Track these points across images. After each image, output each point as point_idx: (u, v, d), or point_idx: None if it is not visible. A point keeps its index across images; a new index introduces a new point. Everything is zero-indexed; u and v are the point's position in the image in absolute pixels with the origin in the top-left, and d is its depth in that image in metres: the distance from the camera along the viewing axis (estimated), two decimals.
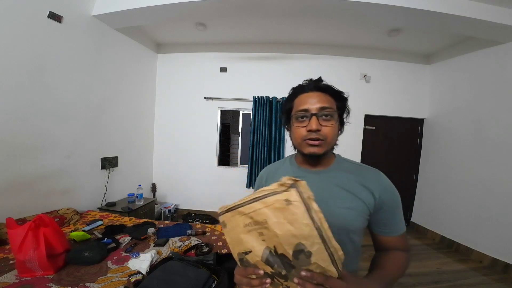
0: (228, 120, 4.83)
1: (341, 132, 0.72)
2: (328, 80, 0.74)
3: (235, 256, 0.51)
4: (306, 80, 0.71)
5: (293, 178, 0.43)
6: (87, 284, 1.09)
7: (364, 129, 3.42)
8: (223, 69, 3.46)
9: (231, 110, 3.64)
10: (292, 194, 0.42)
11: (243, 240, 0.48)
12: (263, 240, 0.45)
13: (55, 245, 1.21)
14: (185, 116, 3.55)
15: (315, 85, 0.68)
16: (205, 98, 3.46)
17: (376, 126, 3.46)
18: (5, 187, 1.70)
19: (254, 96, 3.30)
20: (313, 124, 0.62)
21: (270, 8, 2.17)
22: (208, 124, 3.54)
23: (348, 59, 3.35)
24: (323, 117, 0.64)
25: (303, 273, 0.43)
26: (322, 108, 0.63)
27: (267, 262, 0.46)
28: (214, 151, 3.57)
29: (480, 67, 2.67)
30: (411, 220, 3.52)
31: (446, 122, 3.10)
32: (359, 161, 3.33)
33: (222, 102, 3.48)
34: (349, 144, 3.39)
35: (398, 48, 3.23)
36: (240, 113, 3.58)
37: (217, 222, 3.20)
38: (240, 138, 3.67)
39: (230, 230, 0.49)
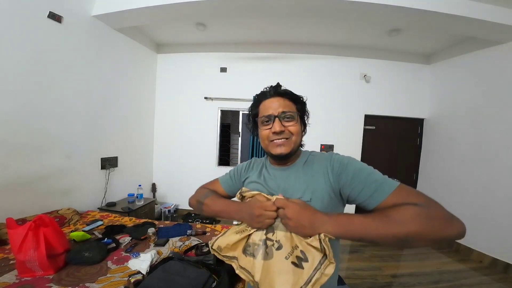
0: (228, 120, 4.82)
1: (305, 133, 0.79)
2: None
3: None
4: (267, 87, 0.78)
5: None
6: (87, 284, 1.09)
7: (364, 129, 3.42)
8: (223, 69, 3.46)
9: (231, 110, 3.64)
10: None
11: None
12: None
13: (55, 245, 1.21)
14: (185, 116, 3.55)
15: (275, 91, 0.74)
16: (205, 98, 3.46)
17: (376, 126, 3.46)
18: (5, 187, 1.70)
19: (254, 96, 3.28)
20: (276, 126, 0.69)
21: (270, 8, 2.17)
22: (208, 124, 3.54)
23: (348, 59, 3.35)
24: (285, 119, 0.71)
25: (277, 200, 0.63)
26: (283, 112, 0.70)
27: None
28: (214, 151, 3.57)
29: (480, 67, 2.67)
30: None
31: (446, 122, 3.10)
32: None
33: (222, 102, 3.48)
34: (349, 144, 3.40)
35: (398, 48, 3.23)
36: (240, 113, 3.58)
37: (217, 222, 3.20)
38: (240, 138, 3.67)
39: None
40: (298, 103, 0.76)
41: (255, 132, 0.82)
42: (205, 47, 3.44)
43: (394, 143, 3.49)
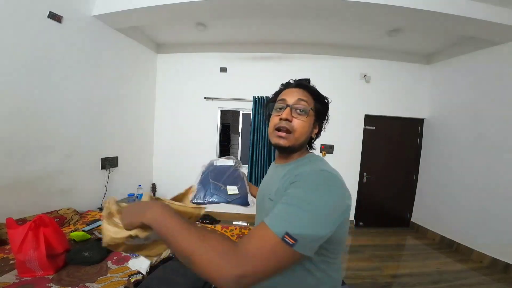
0: (228, 120, 4.83)
1: (318, 136, 0.75)
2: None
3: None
4: (295, 79, 0.75)
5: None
6: (87, 284, 1.09)
7: (364, 129, 3.42)
8: (223, 69, 3.46)
9: (231, 110, 3.64)
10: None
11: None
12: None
13: (55, 245, 1.21)
14: (185, 116, 3.55)
15: (299, 82, 0.72)
16: (205, 98, 3.46)
17: (376, 126, 3.46)
18: (5, 187, 1.70)
19: (254, 96, 3.30)
20: (285, 113, 0.66)
21: (270, 8, 2.17)
22: (208, 124, 3.54)
23: (348, 59, 3.35)
24: (298, 111, 0.66)
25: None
26: (298, 100, 0.67)
27: None
28: (214, 151, 3.57)
29: (480, 67, 2.67)
30: (411, 220, 3.52)
31: (446, 122, 3.10)
32: (359, 161, 3.36)
33: (222, 102, 3.48)
34: (349, 144, 3.40)
35: (398, 48, 3.23)
36: (240, 113, 3.58)
37: (217, 222, 3.20)
38: (240, 138, 3.67)
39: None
40: (319, 102, 0.71)
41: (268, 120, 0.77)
42: (205, 47, 3.44)
43: (394, 143, 3.49)
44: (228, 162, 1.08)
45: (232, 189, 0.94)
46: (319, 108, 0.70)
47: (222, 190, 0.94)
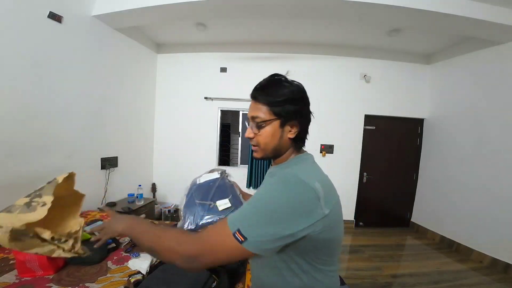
0: (228, 120, 4.82)
1: (302, 133, 0.68)
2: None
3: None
4: (259, 83, 0.70)
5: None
6: (87, 284, 1.09)
7: (364, 129, 3.42)
8: (223, 69, 3.46)
9: (231, 110, 3.64)
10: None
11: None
12: None
13: None
14: (185, 116, 3.55)
15: (251, 94, 0.69)
16: (205, 98, 3.46)
17: (376, 126, 3.46)
18: (5, 187, 1.69)
19: None
20: (247, 132, 0.68)
21: (270, 8, 2.16)
22: (208, 124, 3.54)
23: (348, 59, 3.35)
24: (256, 125, 0.66)
25: None
26: (252, 118, 0.67)
27: None
28: (214, 151, 3.57)
29: (480, 67, 2.67)
30: (411, 220, 3.53)
31: (446, 122, 3.10)
32: (359, 161, 3.36)
33: (222, 102, 3.48)
34: (349, 144, 3.40)
35: (398, 48, 3.23)
36: (240, 113, 3.58)
37: None
38: (240, 138, 3.67)
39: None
40: (276, 105, 0.63)
41: None
42: (205, 47, 3.44)
43: (394, 143, 3.49)
44: (213, 175, 1.02)
45: (223, 204, 0.91)
46: (280, 111, 0.63)
47: (212, 208, 0.90)
